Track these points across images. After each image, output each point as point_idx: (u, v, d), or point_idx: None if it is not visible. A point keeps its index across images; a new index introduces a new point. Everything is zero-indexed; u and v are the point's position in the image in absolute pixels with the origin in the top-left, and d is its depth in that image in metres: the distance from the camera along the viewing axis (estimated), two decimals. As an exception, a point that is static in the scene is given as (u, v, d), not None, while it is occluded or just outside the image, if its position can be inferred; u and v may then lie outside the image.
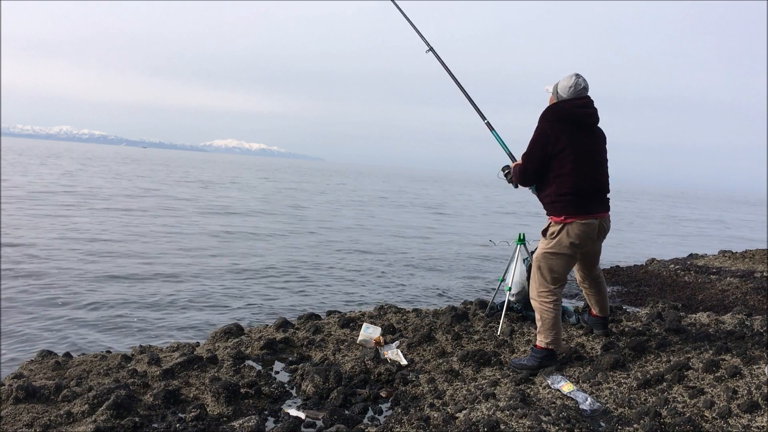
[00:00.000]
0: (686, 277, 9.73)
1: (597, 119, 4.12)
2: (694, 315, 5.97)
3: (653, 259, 12.33)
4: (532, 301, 4.20)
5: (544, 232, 4.15)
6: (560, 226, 4.01)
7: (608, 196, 4.21)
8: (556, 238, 4.02)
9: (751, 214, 48.46)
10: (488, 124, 4.87)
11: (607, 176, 4.19)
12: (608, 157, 4.24)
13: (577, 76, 4.05)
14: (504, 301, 5.35)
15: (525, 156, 4.09)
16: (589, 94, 4.12)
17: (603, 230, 4.14)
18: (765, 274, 9.62)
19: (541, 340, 4.10)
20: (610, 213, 4.22)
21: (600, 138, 4.16)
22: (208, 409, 3.63)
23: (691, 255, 13.75)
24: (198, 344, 5.32)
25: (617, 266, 11.76)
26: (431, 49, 5.25)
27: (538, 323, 4.12)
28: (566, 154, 3.93)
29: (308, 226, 18.29)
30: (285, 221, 19.39)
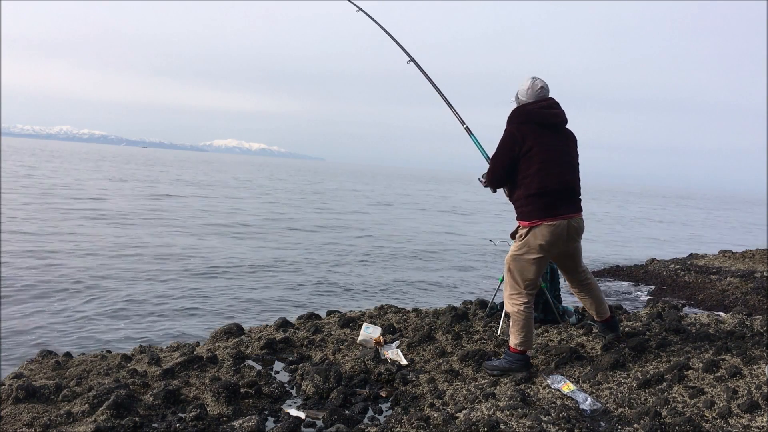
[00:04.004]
0: (686, 277, 9.73)
1: (564, 120, 4.09)
2: (694, 315, 5.98)
3: (653, 259, 12.33)
4: (504, 303, 4.19)
5: (513, 235, 4.15)
6: (527, 229, 4.00)
7: (580, 197, 4.14)
8: (524, 241, 4.01)
9: (743, 213, 48.47)
10: (467, 129, 4.92)
11: (577, 177, 4.13)
12: (579, 160, 4.17)
13: (534, 78, 4.07)
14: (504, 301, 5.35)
15: (493, 158, 4.09)
16: (554, 94, 4.10)
17: (574, 231, 4.04)
18: (765, 274, 9.62)
19: (512, 341, 4.09)
20: (582, 214, 4.14)
21: (569, 139, 4.12)
22: (208, 409, 3.63)
23: (691, 255, 13.75)
24: (198, 344, 5.32)
25: (617, 266, 11.77)
26: (412, 59, 5.25)
27: (510, 324, 4.12)
28: (532, 155, 3.92)
29: (307, 227, 18.29)
30: (282, 224, 19.39)
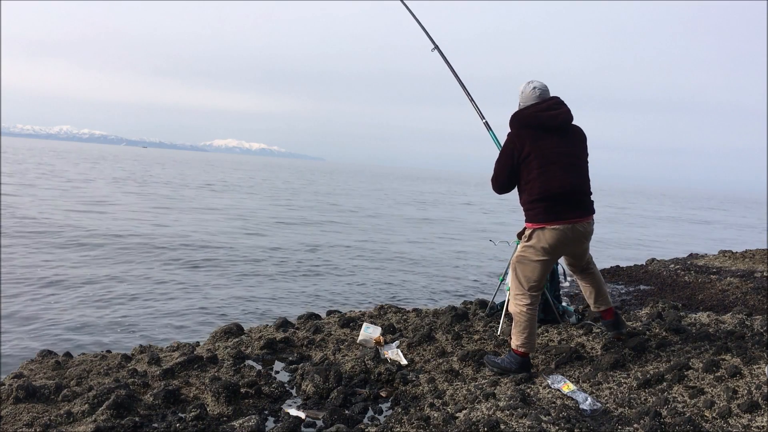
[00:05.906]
0: (686, 277, 9.72)
1: (567, 119, 3.99)
2: (694, 315, 5.97)
3: (653, 259, 12.32)
4: (509, 303, 4.18)
5: (519, 235, 4.15)
6: (531, 231, 3.99)
7: (590, 199, 4.07)
8: (529, 243, 4.00)
9: (743, 213, 48.48)
10: (486, 124, 5.00)
11: (584, 178, 4.05)
12: (588, 158, 4.11)
13: (529, 82, 4.06)
14: (504, 301, 5.35)
15: (496, 163, 4.08)
16: (555, 93, 4.02)
17: (581, 235, 3.99)
18: (765, 274, 9.62)
19: (513, 342, 4.07)
20: (592, 216, 4.07)
21: (574, 138, 4.04)
22: (208, 409, 3.63)
23: (691, 255, 13.75)
24: (198, 344, 5.32)
25: (617, 266, 11.75)
26: (437, 47, 5.31)
27: (513, 325, 4.10)
28: (531, 160, 3.89)
29: (306, 227, 18.30)
30: (281, 224, 19.40)
